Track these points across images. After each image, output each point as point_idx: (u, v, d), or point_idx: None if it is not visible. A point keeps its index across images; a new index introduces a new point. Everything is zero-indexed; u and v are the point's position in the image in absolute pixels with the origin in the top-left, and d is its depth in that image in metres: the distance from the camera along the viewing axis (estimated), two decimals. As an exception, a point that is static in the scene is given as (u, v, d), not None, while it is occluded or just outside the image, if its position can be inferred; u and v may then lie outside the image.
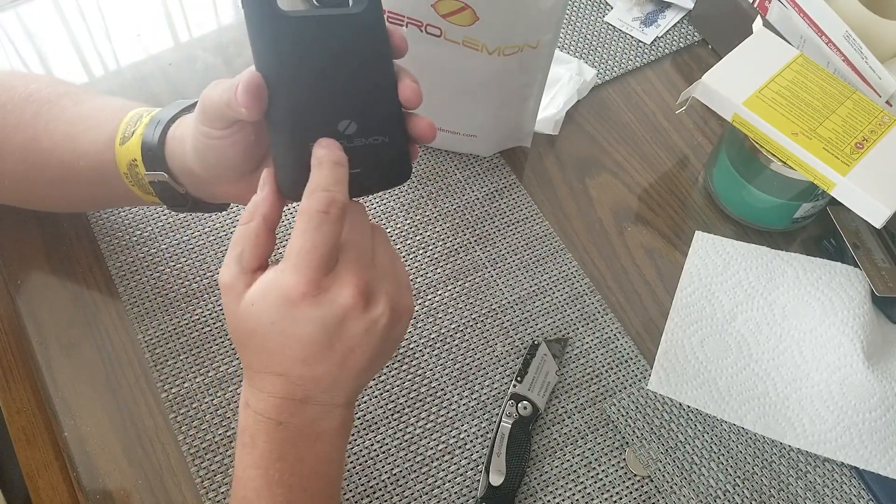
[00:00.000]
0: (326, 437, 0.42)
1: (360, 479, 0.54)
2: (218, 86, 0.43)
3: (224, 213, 0.63)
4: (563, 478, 0.55)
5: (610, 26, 0.77)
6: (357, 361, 0.41)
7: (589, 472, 0.55)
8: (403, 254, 0.63)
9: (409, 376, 0.58)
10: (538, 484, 0.54)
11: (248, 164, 0.47)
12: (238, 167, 0.46)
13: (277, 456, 0.41)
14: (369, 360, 0.42)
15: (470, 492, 0.54)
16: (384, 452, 0.55)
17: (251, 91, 0.39)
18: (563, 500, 0.54)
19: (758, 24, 0.65)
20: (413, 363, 0.58)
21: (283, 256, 0.40)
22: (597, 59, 0.75)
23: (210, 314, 0.59)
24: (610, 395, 0.58)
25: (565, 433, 0.56)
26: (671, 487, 0.54)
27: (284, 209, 0.43)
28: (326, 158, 0.40)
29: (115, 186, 0.52)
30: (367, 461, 0.54)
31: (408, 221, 0.64)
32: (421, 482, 0.54)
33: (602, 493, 0.54)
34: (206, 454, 0.54)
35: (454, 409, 0.57)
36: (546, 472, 0.55)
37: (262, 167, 0.46)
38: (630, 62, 0.75)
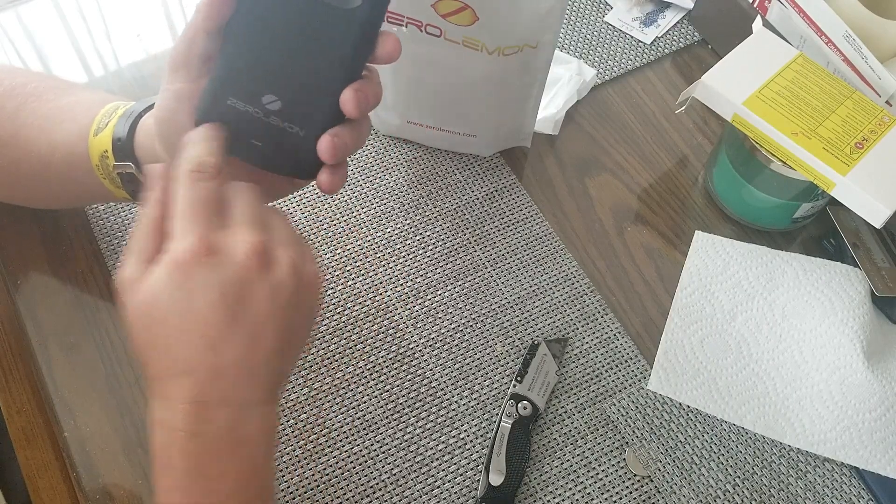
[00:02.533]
0: (249, 443, 0.39)
1: (359, 479, 0.54)
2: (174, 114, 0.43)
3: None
4: (563, 478, 0.55)
5: (610, 26, 0.77)
6: (267, 339, 0.38)
7: (589, 472, 0.55)
8: (403, 254, 0.63)
9: (409, 376, 0.58)
10: (538, 484, 0.54)
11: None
12: None
13: (197, 473, 0.38)
14: (280, 336, 0.39)
15: (470, 492, 0.54)
16: (384, 452, 0.55)
17: None
18: (563, 500, 0.54)
19: (758, 24, 0.65)
20: (413, 363, 0.58)
21: None
22: (597, 59, 0.75)
23: (210, 314, 0.59)
24: (610, 395, 0.58)
25: (565, 433, 0.56)
26: (671, 487, 0.54)
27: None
28: (198, 135, 0.40)
29: (88, 181, 0.51)
30: (366, 461, 0.54)
31: (408, 221, 0.64)
32: (421, 482, 0.54)
33: (602, 493, 0.54)
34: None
35: (454, 409, 0.57)
36: (546, 472, 0.55)
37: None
38: (630, 62, 0.75)
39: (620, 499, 0.54)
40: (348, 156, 0.44)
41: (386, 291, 0.61)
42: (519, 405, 0.56)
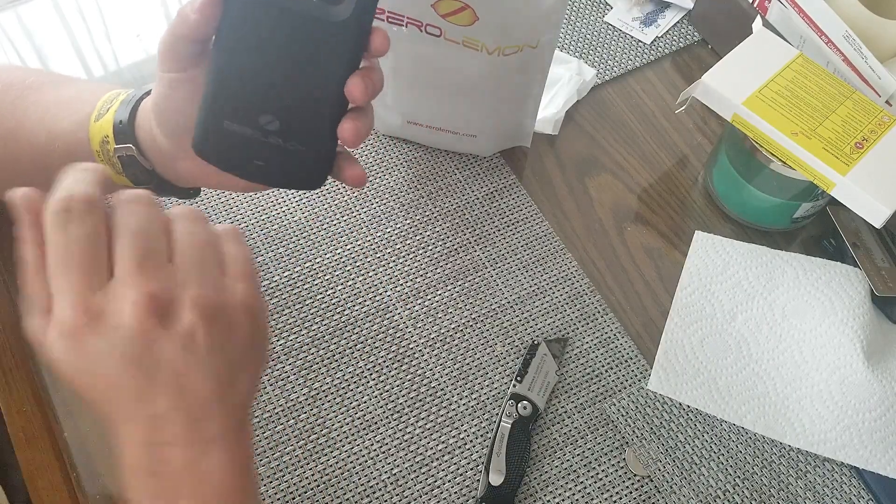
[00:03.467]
0: (212, 476, 0.36)
1: (359, 479, 0.54)
2: None
3: (223, 217, 0.63)
4: (563, 478, 0.55)
5: (610, 26, 0.77)
6: (200, 384, 0.35)
7: (589, 471, 0.55)
8: (403, 254, 0.63)
9: (409, 376, 0.58)
10: (538, 484, 0.54)
11: None
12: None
13: None
14: (216, 376, 0.35)
15: (470, 492, 0.54)
16: (384, 452, 0.55)
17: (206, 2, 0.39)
18: (563, 500, 0.54)
19: (757, 23, 0.65)
20: (413, 363, 0.58)
21: None
22: (596, 59, 0.75)
23: (210, 314, 0.59)
24: (610, 395, 0.58)
25: (565, 433, 0.56)
26: (671, 487, 0.54)
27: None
28: (72, 168, 0.35)
29: None
30: (366, 461, 0.54)
31: (408, 221, 0.64)
32: (421, 482, 0.54)
33: (602, 493, 0.54)
34: (206, 454, 0.54)
35: (454, 409, 0.57)
36: (546, 472, 0.55)
37: None
38: (630, 62, 0.75)
39: (620, 499, 0.54)
40: (363, 140, 0.43)
41: (386, 291, 0.61)
42: (519, 405, 0.56)
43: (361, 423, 0.56)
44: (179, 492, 0.36)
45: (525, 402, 0.56)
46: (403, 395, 0.57)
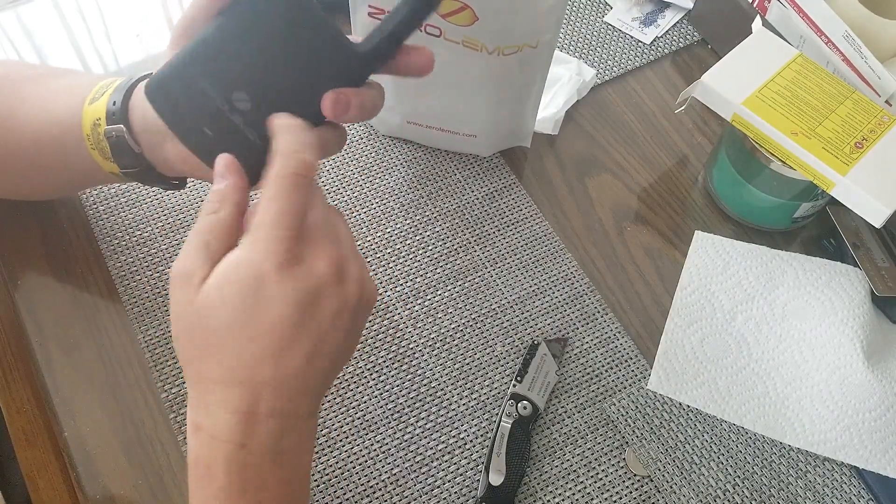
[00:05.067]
0: (291, 455, 0.38)
1: (359, 479, 0.54)
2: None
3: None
4: (563, 478, 0.55)
5: (609, 26, 0.77)
6: (327, 353, 0.38)
7: (589, 471, 0.55)
8: (403, 254, 0.63)
9: (409, 376, 0.58)
10: (538, 484, 0.54)
11: None
12: None
13: (240, 486, 0.37)
14: (337, 350, 0.38)
15: (470, 492, 0.54)
16: (384, 452, 0.55)
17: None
18: (563, 500, 0.54)
19: (757, 23, 0.65)
20: (413, 363, 0.58)
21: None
22: (596, 59, 0.75)
23: (210, 314, 0.59)
24: (610, 395, 0.58)
25: (565, 433, 0.56)
26: (671, 487, 0.54)
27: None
28: (291, 123, 0.38)
29: (77, 157, 0.50)
30: (366, 461, 0.54)
31: (408, 221, 0.64)
32: (421, 482, 0.54)
33: (602, 493, 0.54)
34: (205, 454, 0.54)
35: (454, 409, 0.57)
36: (546, 472, 0.55)
37: None
38: (630, 62, 0.75)
39: (620, 499, 0.54)
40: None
41: (386, 291, 0.61)
42: (519, 405, 0.56)
43: (361, 423, 0.56)
44: (261, 466, 0.37)
45: (525, 402, 0.56)
46: (403, 395, 0.57)
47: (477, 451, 0.55)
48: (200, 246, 0.37)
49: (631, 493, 0.54)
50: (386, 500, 0.53)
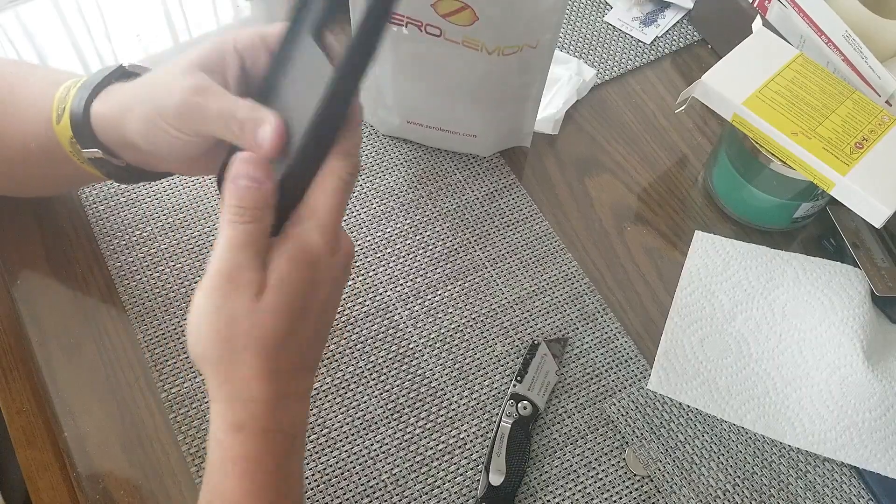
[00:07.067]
0: (302, 434, 0.41)
1: (360, 479, 0.54)
2: (205, 95, 0.42)
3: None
4: (563, 478, 0.55)
5: (610, 26, 0.77)
6: (330, 310, 0.41)
7: (589, 471, 0.55)
8: (403, 254, 0.63)
9: (409, 376, 0.58)
10: (538, 484, 0.54)
11: (203, 148, 0.45)
12: (192, 155, 0.46)
13: (286, 470, 0.39)
14: (328, 323, 0.42)
15: (470, 492, 0.54)
16: (384, 452, 0.55)
17: (280, 134, 0.39)
18: (563, 500, 0.54)
19: (757, 23, 0.65)
20: (413, 363, 0.58)
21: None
22: (596, 58, 0.75)
23: (210, 314, 0.59)
24: (610, 395, 0.58)
25: (565, 433, 0.56)
26: (671, 487, 0.54)
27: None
28: (355, 143, 0.40)
29: (69, 166, 0.50)
30: (367, 461, 0.54)
31: (408, 221, 0.64)
32: (421, 482, 0.54)
33: (602, 493, 0.54)
34: (206, 454, 0.54)
35: (454, 409, 0.57)
36: (546, 472, 0.55)
37: (214, 147, 0.44)
38: (630, 62, 0.75)
39: (620, 499, 0.54)
40: None
41: (386, 291, 0.61)
42: (519, 405, 0.56)
43: (361, 423, 0.56)
44: (294, 446, 0.40)
45: (525, 401, 0.56)
46: (403, 395, 0.57)
47: (477, 451, 0.55)
48: (253, 255, 0.37)
49: (631, 493, 0.54)
50: (386, 500, 0.53)
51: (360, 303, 0.60)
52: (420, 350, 0.59)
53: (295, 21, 0.42)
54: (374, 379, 0.57)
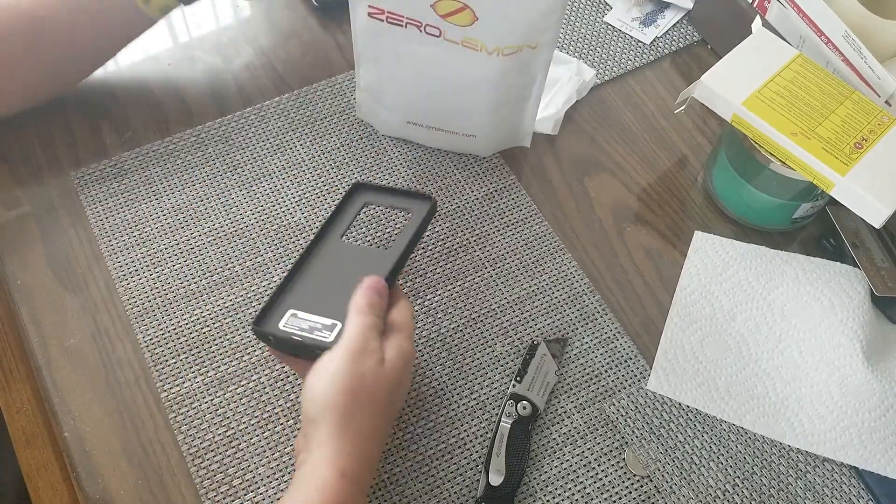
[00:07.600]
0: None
1: (359, 479, 0.54)
2: None
3: (224, 217, 0.63)
4: (563, 478, 0.55)
5: (609, 26, 0.77)
6: (399, 402, 0.51)
7: (588, 472, 0.55)
8: (403, 254, 0.63)
9: (408, 376, 0.58)
10: (538, 484, 0.54)
11: None
12: None
13: None
14: (400, 403, 0.52)
15: (469, 492, 0.54)
16: (384, 452, 0.55)
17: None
18: (563, 500, 0.54)
19: (757, 24, 0.65)
20: (413, 363, 0.58)
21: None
22: (596, 59, 0.75)
23: (210, 314, 0.59)
24: (609, 395, 0.58)
25: (565, 433, 0.56)
26: (671, 487, 0.54)
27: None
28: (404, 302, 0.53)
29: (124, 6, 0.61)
30: (366, 461, 0.54)
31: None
32: (421, 482, 0.54)
33: (602, 493, 0.54)
34: (206, 454, 0.54)
35: (454, 409, 0.57)
36: (546, 472, 0.55)
37: None
38: (629, 62, 0.75)
39: (620, 499, 0.54)
40: None
41: (386, 291, 0.61)
42: (518, 405, 0.56)
43: (361, 423, 0.56)
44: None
45: (525, 402, 0.56)
46: (403, 395, 0.57)
47: (477, 451, 0.55)
48: (377, 335, 0.49)
49: (631, 493, 0.54)
50: (386, 500, 0.53)
51: (359, 303, 0.60)
52: (420, 350, 0.59)
53: (325, 231, 0.57)
54: (373, 379, 0.57)
